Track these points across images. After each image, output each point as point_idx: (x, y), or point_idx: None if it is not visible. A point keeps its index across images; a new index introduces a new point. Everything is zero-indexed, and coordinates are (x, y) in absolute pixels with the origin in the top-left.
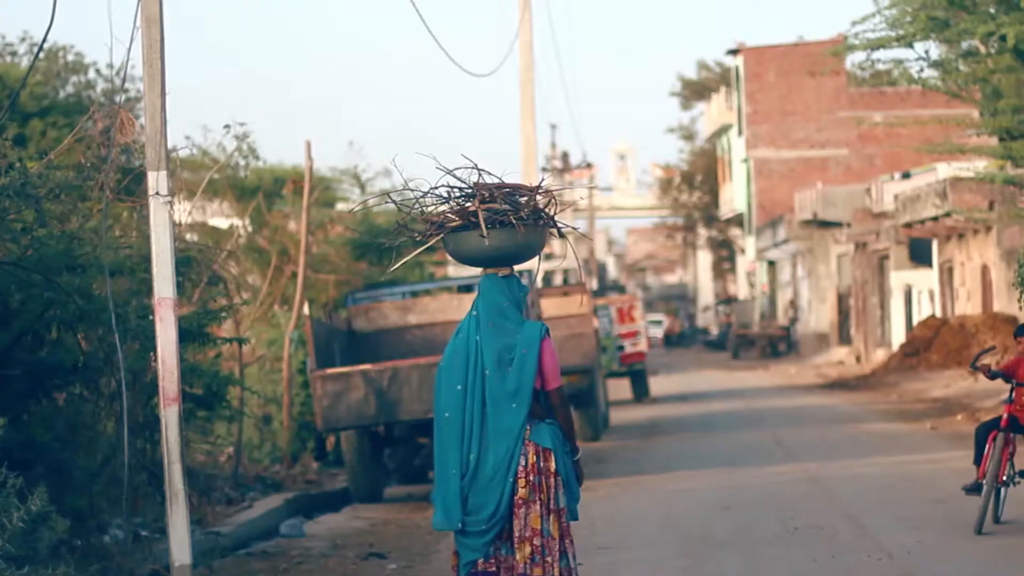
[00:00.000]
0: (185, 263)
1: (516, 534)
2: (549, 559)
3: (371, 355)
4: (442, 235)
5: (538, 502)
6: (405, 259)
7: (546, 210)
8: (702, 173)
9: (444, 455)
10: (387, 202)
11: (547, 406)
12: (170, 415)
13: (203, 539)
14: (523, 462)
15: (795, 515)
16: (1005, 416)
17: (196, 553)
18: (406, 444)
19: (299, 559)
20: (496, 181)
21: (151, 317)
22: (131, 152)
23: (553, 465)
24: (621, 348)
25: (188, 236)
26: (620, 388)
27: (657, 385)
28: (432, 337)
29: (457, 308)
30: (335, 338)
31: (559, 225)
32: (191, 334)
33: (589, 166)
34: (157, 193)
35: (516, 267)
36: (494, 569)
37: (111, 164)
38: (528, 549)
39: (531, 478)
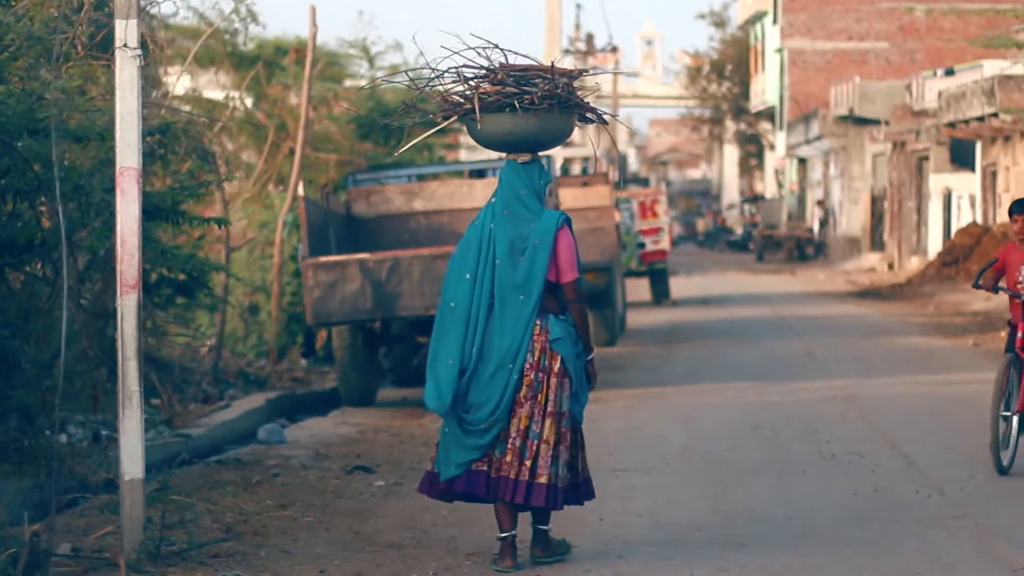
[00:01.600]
0: (163, 131)
1: (512, 433)
2: (528, 462)
3: (370, 243)
4: (457, 117)
5: (531, 401)
6: (414, 140)
7: (574, 94)
8: (732, 63)
9: (442, 344)
10: (402, 79)
11: (563, 301)
12: (127, 304)
13: (171, 442)
14: (529, 359)
15: (831, 439)
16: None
17: (161, 458)
18: (404, 343)
19: (275, 470)
20: (513, 61)
21: None
22: (109, 3)
23: (558, 364)
24: (642, 246)
25: (176, 106)
26: (639, 289)
27: (677, 287)
28: (438, 226)
29: (467, 195)
30: (331, 223)
31: (589, 110)
32: (163, 211)
33: (614, 50)
34: (125, 45)
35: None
36: (484, 468)
37: (83, 15)
38: (516, 450)
39: (533, 375)
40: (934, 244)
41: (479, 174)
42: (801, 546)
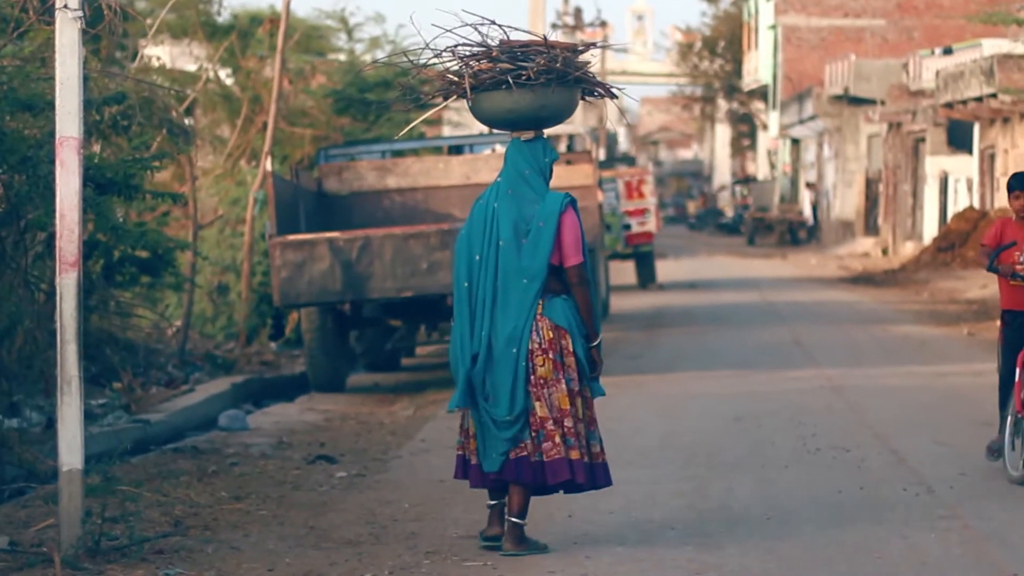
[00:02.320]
0: (118, 100)
1: (547, 415)
2: (583, 441)
3: (342, 221)
4: (457, 96)
5: (563, 380)
6: (418, 120)
7: (574, 67)
8: (725, 39)
9: (459, 328)
10: (400, 58)
11: (566, 282)
12: (66, 283)
13: (128, 428)
14: (536, 339)
15: (816, 432)
16: None
17: (117, 444)
18: (376, 326)
19: (233, 459)
20: (511, 37)
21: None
22: None
23: (570, 344)
24: (627, 227)
25: (141, 77)
26: (623, 272)
27: (664, 270)
28: (413, 204)
29: (444, 172)
30: (301, 200)
31: (594, 84)
32: (115, 185)
33: (604, 25)
34: (65, 6)
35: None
36: (525, 453)
37: None
38: (560, 432)
39: (551, 355)
40: (929, 229)
41: (457, 150)
42: (779, 548)
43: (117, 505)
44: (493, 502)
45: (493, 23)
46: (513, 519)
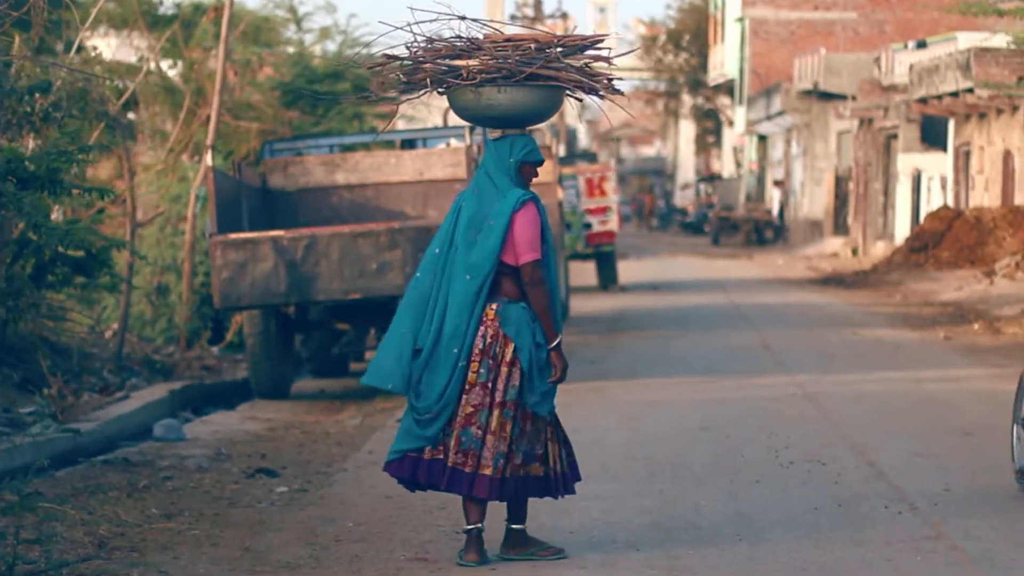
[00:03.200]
0: (42, 90)
1: (459, 421)
2: (475, 453)
3: (288, 219)
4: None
5: (482, 389)
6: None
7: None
8: (690, 32)
9: (401, 316)
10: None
11: (523, 288)
12: None
13: (56, 438)
14: (479, 344)
15: (789, 444)
16: None
17: (44, 456)
18: (322, 330)
19: (167, 472)
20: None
21: None
22: None
23: (510, 353)
24: (588, 226)
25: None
26: (584, 273)
27: (626, 271)
28: (362, 201)
29: (395, 167)
30: (244, 196)
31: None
32: (38, 179)
33: (565, 16)
34: None
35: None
36: (441, 456)
37: None
38: (475, 444)
39: (480, 362)
40: (901, 229)
41: (410, 145)
42: (752, 570)
43: (37, 524)
44: (470, 527)
45: (463, 18)
46: (511, 526)
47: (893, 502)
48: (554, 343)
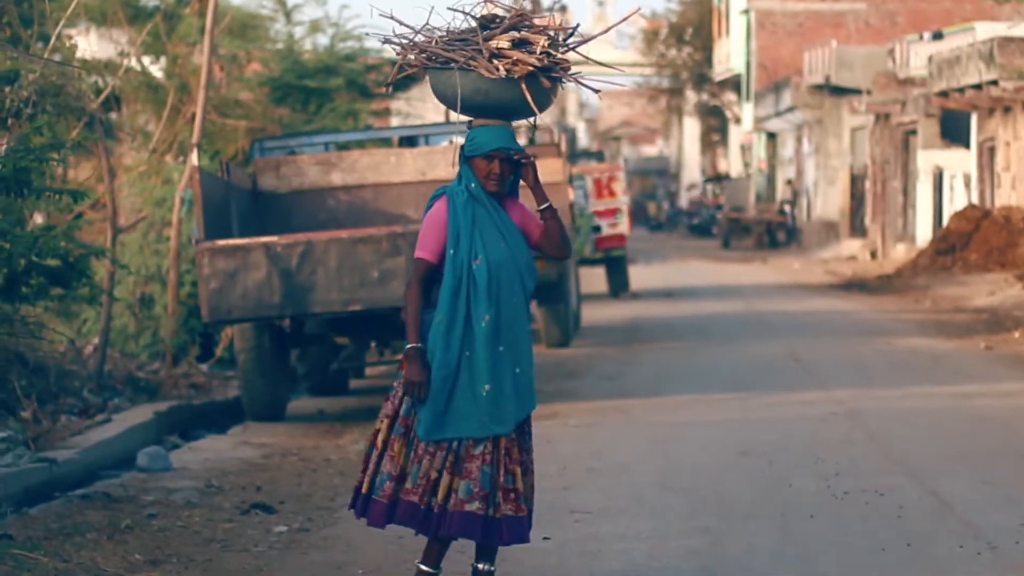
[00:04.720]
0: (10, 80)
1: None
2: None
3: (280, 224)
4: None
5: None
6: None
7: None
8: (693, 26)
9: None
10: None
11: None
12: None
13: (30, 468)
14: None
15: (839, 471)
16: None
17: (17, 490)
18: (319, 344)
19: (152, 509)
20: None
21: None
22: None
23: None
24: (597, 229)
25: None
26: (592, 279)
27: (636, 277)
28: (361, 203)
29: (395, 167)
30: (233, 199)
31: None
32: (3, 181)
33: (563, 9)
34: None
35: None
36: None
37: None
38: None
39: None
40: (923, 230)
41: (410, 142)
42: None
43: (6, 573)
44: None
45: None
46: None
47: (968, 540)
48: (410, 344)
